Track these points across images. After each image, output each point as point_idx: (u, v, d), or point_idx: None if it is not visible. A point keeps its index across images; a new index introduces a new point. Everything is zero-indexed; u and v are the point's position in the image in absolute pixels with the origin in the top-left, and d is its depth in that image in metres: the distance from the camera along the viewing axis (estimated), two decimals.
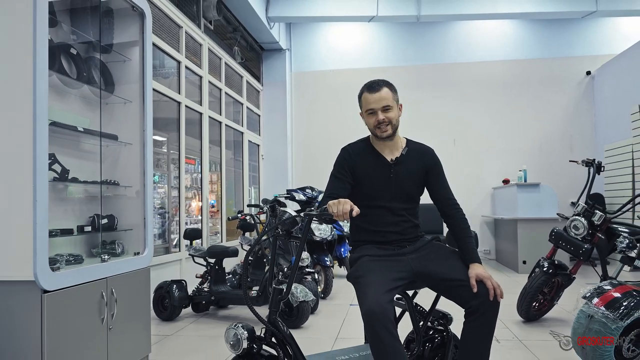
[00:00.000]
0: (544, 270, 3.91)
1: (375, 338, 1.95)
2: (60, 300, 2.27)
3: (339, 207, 1.95)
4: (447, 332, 2.49)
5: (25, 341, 2.17)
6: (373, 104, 2.26)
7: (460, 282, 2.13)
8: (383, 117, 2.25)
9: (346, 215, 1.94)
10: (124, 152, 3.11)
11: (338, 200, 1.98)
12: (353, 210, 1.95)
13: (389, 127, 2.27)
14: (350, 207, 1.94)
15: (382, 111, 2.25)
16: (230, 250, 4.48)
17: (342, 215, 1.94)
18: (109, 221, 2.97)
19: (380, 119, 2.25)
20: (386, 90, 2.26)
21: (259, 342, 2.08)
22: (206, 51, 6.50)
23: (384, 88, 2.26)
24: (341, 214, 1.94)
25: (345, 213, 1.94)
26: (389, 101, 2.25)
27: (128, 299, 2.80)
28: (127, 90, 3.15)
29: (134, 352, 2.89)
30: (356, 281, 2.17)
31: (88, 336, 2.47)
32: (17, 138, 2.19)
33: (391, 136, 2.31)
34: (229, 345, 2.06)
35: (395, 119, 2.29)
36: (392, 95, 2.28)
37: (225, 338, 2.07)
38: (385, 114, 2.25)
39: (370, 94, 2.26)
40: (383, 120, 2.25)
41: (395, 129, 2.31)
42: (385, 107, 2.25)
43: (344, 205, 1.95)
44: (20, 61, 2.20)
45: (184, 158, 5.79)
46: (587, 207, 3.88)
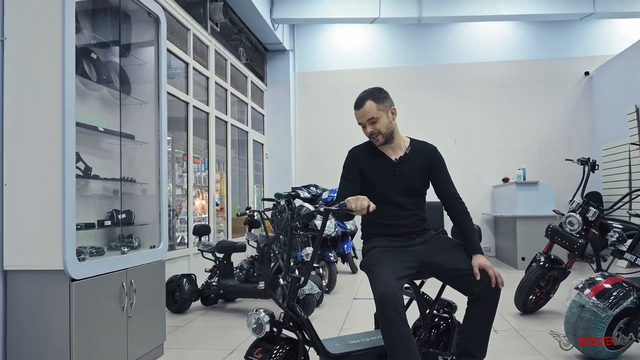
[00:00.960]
0: (540, 264, 4.07)
1: (386, 321, 2.12)
2: (86, 289, 2.44)
3: (357, 203, 2.14)
4: (452, 320, 2.66)
5: (55, 325, 2.33)
6: (360, 119, 2.45)
7: (464, 272, 2.31)
8: (371, 130, 2.43)
9: (364, 210, 2.14)
10: (140, 150, 3.27)
11: (356, 197, 2.17)
12: (370, 205, 2.14)
13: (380, 136, 2.45)
14: (367, 203, 2.14)
15: (369, 124, 2.43)
16: (239, 245, 4.65)
17: (361, 210, 2.13)
18: (126, 216, 3.14)
19: (369, 132, 2.44)
20: (369, 104, 2.41)
21: (279, 327, 2.26)
22: (212, 52, 6.66)
23: (367, 102, 2.41)
24: (360, 209, 2.13)
25: (364, 208, 2.13)
26: (373, 113, 2.41)
27: (145, 290, 2.97)
28: (142, 92, 3.31)
29: (151, 340, 3.06)
30: (369, 269, 2.34)
31: (110, 323, 2.64)
32: (48, 138, 2.36)
33: (388, 141, 2.48)
34: (252, 329, 2.23)
35: (385, 127, 2.44)
36: (377, 106, 2.42)
37: (248, 323, 2.24)
38: (372, 126, 2.43)
39: (357, 110, 2.45)
40: (372, 132, 2.43)
41: (388, 135, 2.47)
42: (371, 120, 2.41)
43: (362, 202, 2.14)
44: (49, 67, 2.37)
45: (192, 157, 5.96)
46: (582, 204, 4.04)
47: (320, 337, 2.35)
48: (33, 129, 2.38)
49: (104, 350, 2.57)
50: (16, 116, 2.40)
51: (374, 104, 2.42)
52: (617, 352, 2.97)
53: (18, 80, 2.41)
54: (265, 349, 2.21)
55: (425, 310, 2.64)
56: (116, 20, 3.07)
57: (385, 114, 2.44)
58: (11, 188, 2.38)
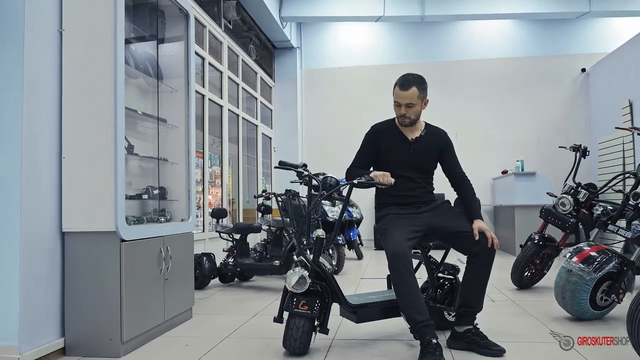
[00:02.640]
0: (534, 242, 4.41)
1: (396, 274, 2.48)
2: (133, 249, 2.78)
3: (384, 179, 2.58)
4: (456, 280, 3.02)
5: (107, 279, 2.68)
6: (399, 99, 2.75)
7: (465, 233, 2.66)
8: (404, 112, 2.76)
9: (391, 184, 2.61)
10: (171, 133, 3.61)
11: (382, 173, 2.60)
12: (393, 180, 2.61)
13: (408, 120, 2.79)
14: (392, 180, 2.61)
15: (405, 107, 2.74)
16: (254, 226, 4.99)
17: (389, 184, 2.59)
18: (160, 192, 3.48)
19: (402, 113, 2.77)
20: (414, 90, 2.72)
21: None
22: (226, 49, 7.01)
23: (413, 87, 2.72)
24: (388, 182, 2.58)
25: (391, 182, 2.59)
26: (414, 100, 2.73)
27: (178, 257, 3.30)
28: (173, 80, 3.65)
29: (183, 303, 3.40)
30: (383, 232, 2.70)
31: (150, 282, 2.98)
32: (101, 118, 2.70)
33: (411, 125, 2.83)
34: (293, 285, 2.56)
35: (415, 114, 2.79)
36: (418, 95, 2.73)
37: (288, 280, 2.57)
38: (407, 109, 2.75)
39: (401, 90, 2.74)
40: (404, 114, 2.76)
41: (415, 120, 2.83)
42: (409, 104, 2.74)
43: (388, 178, 2.59)
44: (103, 55, 2.71)
45: (207, 147, 6.30)
46: (574, 187, 4.38)
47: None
48: (88, 109, 2.72)
49: (146, 305, 2.92)
50: (73, 99, 2.74)
51: (417, 91, 2.73)
52: (602, 313, 3.32)
53: (75, 67, 2.74)
54: (308, 301, 2.54)
55: (432, 272, 3.00)
56: (152, 14, 3.41)
57: (421, 103, 2.77)
58: (69, 160, 2.72)
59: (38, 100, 2.60)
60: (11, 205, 2.47)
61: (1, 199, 2.48)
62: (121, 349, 2.67)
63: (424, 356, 2.34)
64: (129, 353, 2.73)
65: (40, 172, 2.61)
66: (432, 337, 2.41)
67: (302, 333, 2.53)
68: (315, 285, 2.63)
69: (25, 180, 2.49)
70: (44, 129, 2.64)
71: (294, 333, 2.54)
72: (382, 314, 2.81)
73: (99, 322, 2.68)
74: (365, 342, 2.90)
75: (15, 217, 2.46)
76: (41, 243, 2.60)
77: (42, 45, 2.65)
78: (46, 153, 2.66)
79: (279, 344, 2.67)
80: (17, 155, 2.48)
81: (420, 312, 2.47)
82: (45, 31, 2.67)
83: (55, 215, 2.70)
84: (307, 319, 2.54)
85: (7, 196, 2.48)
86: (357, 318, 2.73)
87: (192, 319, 3.54)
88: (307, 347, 2.60)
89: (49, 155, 2.67)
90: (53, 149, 2.70)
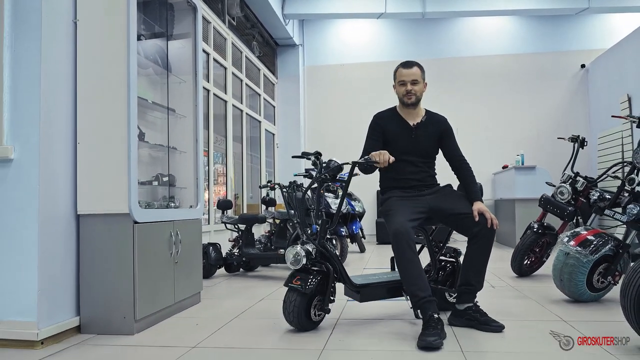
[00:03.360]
0: (534, 230, 4.51)
1: (399, 251, 2.59)
2: (145, 232, 2.89)
3: (380, 157, 2.66)
4: (457, 262, 3.12)
5: (120, 259, 2.78)
6: (405, 77, 2.90)
7: (465, 215, 2.76)
8: (410, 88, 2.89)
9: (386, 162, 2.65)
10: (179, 123, 3.72)
11: (379, 152, 2.67)
12: (390, 158, 2.66)
13: (414, 97, 2.91)
14: (389, 157, 2.67)
15: (411, 83, 2.89)
16: (260, 217, 5.09)
17: (383, 162, 2.64)
18: (169, 179, 3.58)
19: (408, 89, 2.89)
20: (417, 69, 2.92)
21: (312, 262, 2.72)
22: (230, 45, 7.12)
23: (415, 67, 2.93)
24: (383, 161, 2.64)
25: (386, 160, 2.65)
26: (417, 76, 2.91)
27: (187, 242, 3.40)
28: (181, 71, 3.75)
29: (191, 286, 3.50)
30: (387, 214, 2.81)
31: (162, 264, 3.09)
32: (114, 105, 2.80)
33: (415, 104, 2.93)
34: (290, 262, 2.68)
35: (420, 91, 2.94)
36: (420, 74, 2.94)
37: (286, 257, 2.70)
38: (412, 86, 2.90)
39: (405, 69, 2.92)
40: (410, 90, 2.89)
41: (418, 99, 2.95)
42: (414, 81, 2.89)
43: (384, 155, 2.66)
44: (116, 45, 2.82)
45: (212, 140, 6.41)
46: (572, 176, 4.48)
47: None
48: (102, 96, 2.83)
49: (157, 286, 3.02)
50: (87, 86, 2.84)
51: (419, 70, 2.93)
52: (599, 295, 3.42)
53: (89, 56, 2.85)
54: (302, 277, 2.66)
55: (434, 255, 3.10)
56: (162, 7, 3.52)
57: (423, 82, 2.94)
58: (84, 146, 2.83)
59: (54, 87, 2.71)
60: (29, 188, 2.58)
61: (20, 183, 2.59)
62: (134, 326, 2.78)
63: (426, 329, 2.43)
64: (141, 331, 2.83)
65: (56, 157, 2.72)
66: (434, 312, 2.51)
67: (294, 307, 2.65)
68: (320, 265, 2.73)
69: (42, 164, 2.60)
70: (59, 115, 2.75)
71: (287, 306, 2.68)
72: (385, 293, 2.92)
73: (113, 301, 2.79)
74: (369, 320, 3.01)
75: (33, 200, 2.57)
76: (57, 225, 2.71)
77: (58, 35, 2.75)
78: (62, 139, 2.76)
79: (286, 323, 2.78)
80: (35, 140, 2.59)
81: (422, 288, 2.57)
82: (60, 21, 2.78)
83: (71, 199, 2.81)
84: (299, 293, 2.65)
85: (25, 180, 2.58)
86: (361, 297, 2.84)
87: (201, 303, 3.65)
88: (304, 321, 2.70)
89: (64, 141, 2.78)
90: (68, 135, 2.81)
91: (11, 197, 2.59)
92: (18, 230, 2.58)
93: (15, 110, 2.61)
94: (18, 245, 2.57)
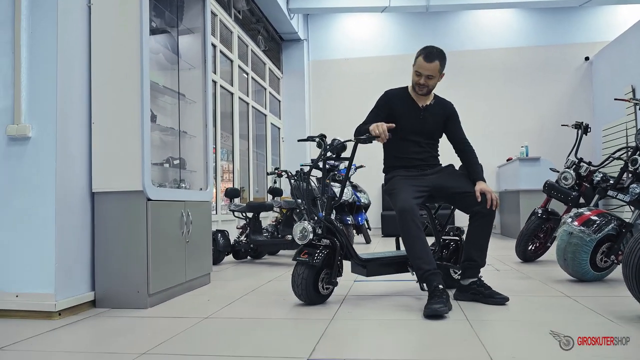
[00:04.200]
0: (538, 215, 4.56)
1: (405, 227, 2.66)
2: (158, 209, 2.96)
3: (378, 129, 2.69)
4: (460, 241, 3.18)
5: (134, 235, 2.86)
6: (422, 70, 2.91)
7: (467, 193, 2.83)
8: (423, 82, 2.94)
9: (385, 132, 2.69)
10: (189, 108, 3.80)
11: (375, 125, 2.70)
12: (388, 127, 2.70)
13: (425, 89, 2.97)
14: (386, 126, 2.70)
15: (426, 78, 2.92)
16: (267, 204, 5.17)
17: (382, 132, 2.68)
18: (180, 162, 3.66)
19: (421, 82, 2.94)
20: (437, 64, 2.90)
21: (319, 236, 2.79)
22: (236, 38, 7.20)
23: (436, 61, 2.90)
24: (381, 131, 2.67)
25: (384, 130, 2.68)
26: (434, 73, 2.91)
27: (197, 223, 3.48)
28: (190, 58, 3.83)
29: (202, 267, 3.58)
30: (391, 192, 2.88)
31: (173, 242, 3.16)
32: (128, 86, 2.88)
33: (426, 94, 3.00)
34: (297, 237, 2.76)
35: (433, 85, 2.98)
36: (439, 69, 2.92)
37: (294, 233, 2.77)
38: (426, 81, 2.93)
39: (425, 62, 2.90)
40: (423, 84, 2.94)
41: (430, 91, 3.01)
42: (429, 76, 2.91)
43: (381, 126, 2.70)
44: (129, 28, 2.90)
45: (219, 131, 6.49)
46: (576, 162, 4.53)
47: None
48: (116, 78, 2.91)
49: (169, 263, 3.10)
50: (101, 68, 2.93)
51: (439, 66, 2.91)
52: (602, 275, 3.47)
53: (103, 39, 2.93)
54: (310, 251, 2.73)
55: (438, 233, 3.16)
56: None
57: (439, 76, 2.96)
58: (98, 126, 2.91)
59: (69, 68, 2.79)
60: (47, 165, 2.66)
61: (37, 160, 2.67)
62: (147, 301, 2.86)
63: (432, 299, 2.50)
64: (154, 305, 2.91)
65: (72, 136, 2.80)
66: (439, 283, 2.57)
67: (302, 279, 2.72)
68: (327, 240, 2.80)
69: (59, 143, 2.68)
70: (74, 96, 2.83)
71: (296, 279, 2.75)
72: (390, 269, 2.99)
73: (127, 276, 2.87)
74: (376, 296, 3.08)
75: (50, 177, 2.65)
76: (73, 202, 2.79)
77: (73, 18, 2.84)
78: (77, 118, 2.85)
79: (295, 298, 2.85)
80: (52, 119, 2.67)
81: (427, 262, 2.64)
82: (75, 5, 2.86)
83: (86, 177, 2.89)
84: (307, 266, 2.72)
85: (43, 157, 2.66)
86: (367, 272, 2.91)
87: (210, 284, 3.72)
88: (312, 294, 2.77)
89: (79, 120, 2.86)
90: (83, 115, 2.89)
91: (29, 174, 2.67)
92: (36, 207, 2.66)
93: (32, 90, 2.70)
94: (36, 221, 2.65)
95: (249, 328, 2.39)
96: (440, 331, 2.25)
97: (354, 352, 2.00)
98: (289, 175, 5.24)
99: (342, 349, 2.03)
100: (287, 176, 5.27)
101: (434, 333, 2.22)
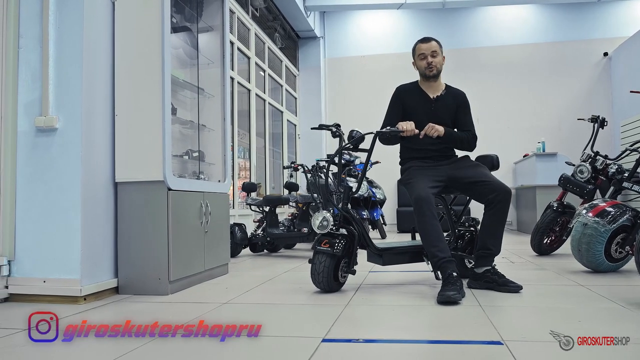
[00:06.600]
0: (553, 209, 4.56)
1: (421, 216, 2.71)
2: (178, 198, 3.06)
3: (407, 126, 2.82)
4: (475, 231, 3.22)
5: (155, 224, 2.96)
6: (424, 50, 3.04)
7: (482, 183, 2.87)
8: (431, 60, 3.02)
9: (412, 132, 2.82)
10: (208, 102, 3.89)
11: (405, 122, 2.83)
12: (415, 130, 2.85)
13: (435, 68, 3.04)
14: (414, 126, 2.84)
15: (430, 56, 3.02)
16: (283, 198, 5.25)
17: (410, 131, 2.81)
18: (199, 155, 3.76)
19: (429, 61, 3.02)
20: (434, 42, 3.06)
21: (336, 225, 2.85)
22: (253, 35, 7.30)
23: (432, 41, 3.06)
24: (410, 129, 2.81)
25: (413, 129, 2.82)
26: (436, 49, 3.04)
27: (216, 214, 3.57)
28: (209, 54, 3.93)
29: (220, 257, 3.67)
30: (407, 182, 2.94)
31: (193, 232, 3.26)
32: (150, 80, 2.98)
33: (436, 76, 3.06)
34: (317, 227, 2.82)
35: (440, 63, 3.06)
36: (438, 47, 3.07)
37: (313, 223, 2.83)
38: (433, 58, 3.02)
39: (423, 43, 3.06)
40: (431, 62, 3.01)
41: (439, 71, 3.07)
42: (433, 53, 3.03)
43: (410, 125, 2.83)
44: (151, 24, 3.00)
45: (236, 128, 6.60)
46: (592, 155, 4.52)
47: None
48: (138, 71, 3.01)
49: (189, 252, 3.19)
50: (124, 62, 3.03)
51: (436, 43, 3.06)
52: (617, 266, 3.48)
53: (126, 34, 3.04)
54: (330, 241, 2.80)
55: (453, 224, 3.21)
56: None
57: (441, 55, 3.07)
58: (121, 118, 3.01)
59: (94, 63, 2.90)
60: (72, 156, 2.77)
61: (64, 150, 2.78)
62: (168, 287, 2.95)
63: (446, 286, 2.55)
64: (175, 292, 3.00)
65: (96, 128, 2.91)
66: (453, 271, 2.62)
67: (323, 267, 2.78)
68: (345, 229, 2.87)
69: (84, 134, 2.79)
70: (99, 89, 2.94)
71: (317, 267, 2.81)
72: (406, 258, 3.04)
73: (148, 263, 2.97)
74: (390, 285, 3.13)
75: (76, 167, 2.76)
76: (97, 192, 2.90)
77: (98, 14, 2.94)
78: (101, 111, 2.95)
79: (311, 287, 2.93)
80: (78, 111, 2.78)
81: (442, 250, 2.69)
82: (100, 2, 2.97)
83: (109, 167, 3.00)
84: (328, 255, 2.79)
85: (69, 148, 2.77)
86: (383, 261, 2.97)
87: (229, 274, 3.81)
88: (332, 283, 2.84)
89: (103, 112, 2.97)
90: (107, 108, 3.00)
91: (56, 163, 2.79)
92: (63, 196, 2.77)
93: (59, 83, 2.81)
94: (63, 210, 2.76)
95: (266, 311, 2.47)
96: (452, 315, 2.30)
97: (369, 333, 2.07)
98: (305, 170, 5.32)
99: (357, 330, 2.10)
100: (303, 170, 5.35)
101: (446, 317, 2.27)
